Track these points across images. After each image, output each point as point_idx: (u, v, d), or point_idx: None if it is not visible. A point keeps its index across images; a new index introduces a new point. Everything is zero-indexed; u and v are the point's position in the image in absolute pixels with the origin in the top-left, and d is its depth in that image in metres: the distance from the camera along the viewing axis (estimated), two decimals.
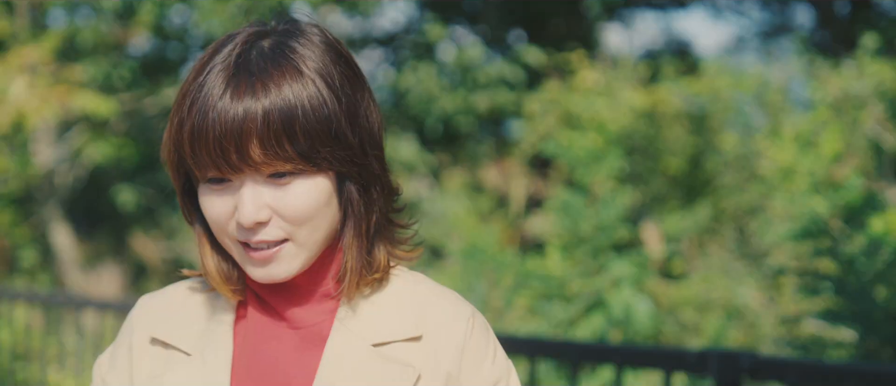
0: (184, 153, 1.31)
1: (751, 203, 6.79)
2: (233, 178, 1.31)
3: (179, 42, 10.76)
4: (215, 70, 1.31)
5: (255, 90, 1.28)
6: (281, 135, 1.27)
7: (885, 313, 3.86)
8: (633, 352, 3.20)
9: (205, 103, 1.29)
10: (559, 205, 5.43)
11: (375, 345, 1.37)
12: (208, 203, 1.33)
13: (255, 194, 1.30)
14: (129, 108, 10.41)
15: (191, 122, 1.29)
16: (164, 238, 11.43)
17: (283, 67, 1.30)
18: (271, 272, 1.34)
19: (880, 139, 6.51)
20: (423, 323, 1.39)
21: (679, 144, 7.75)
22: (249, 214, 1.29)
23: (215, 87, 1.29)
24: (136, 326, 1.46)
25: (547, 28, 10.85)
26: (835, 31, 10.81)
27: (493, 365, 1.41)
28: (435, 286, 1.45)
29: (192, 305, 1.45)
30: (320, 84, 1.30)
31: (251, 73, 1.29)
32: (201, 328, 1.41)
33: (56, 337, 5.89)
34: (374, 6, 9.61)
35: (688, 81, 8.28)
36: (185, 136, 1.30)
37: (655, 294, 5.87)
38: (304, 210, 1.31)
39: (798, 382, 2.73)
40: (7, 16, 9.82)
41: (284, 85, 1.28)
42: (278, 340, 1.39)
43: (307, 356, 1.38)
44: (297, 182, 1.31)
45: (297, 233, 1.32)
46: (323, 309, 1.40)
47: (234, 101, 1.27)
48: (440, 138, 10.12)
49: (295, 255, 1.33)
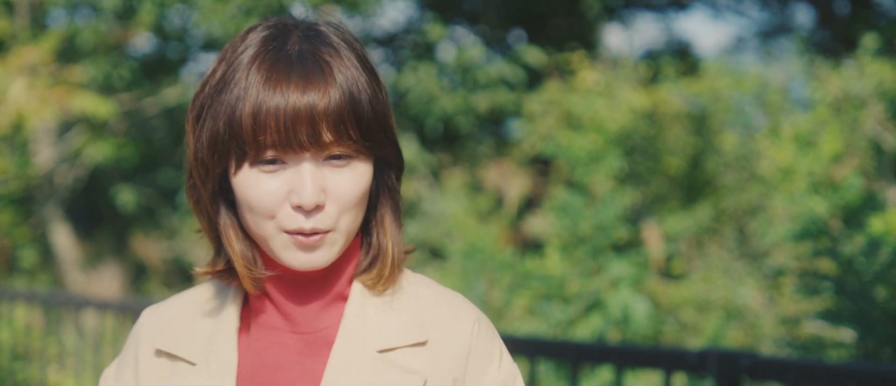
0: (240, 134, 1.30)
1: (751, 203, 6.78)
2: (287, 160, 1.31)
3: (179, 42, 10.76)
4: (269, 54, 1.32)
5: (323, 73, 1.30)
6: (350, 116, 1.30)
7: (885, 313, 3.86)
8: (632, 352, 3.20)
9: (270, 83, 1.29)
10: (559, 205, 5.43)
11: (380, 351, 1.37)
12: (258, 187, 1.32)
13: (316, 176, 1.31)
14: (128, 109, 10.41)
15: (253, 101, 1.29)
16: (164, 238, 11.43)
17: (338, 54, 1.33)
18: (313, 258, 1.34)
19: (880, 139, 6.51)
20: (428, 328, 1.39)
21: (679, 145, 7.75)
22: (311, 197, 1.30)
23: (278, 67, 1.31)
24: (141, 338, 1.46)
25: (547, 28, 10.85)
26: (835, 31, 10.82)
27: (499, 369, 1.41)
28: (439, 289, 1.45)
29: (196, 314, 1.45)
30: (367, 73, 1.35)
31: (314, 57, 1.32)
32: (205, 337, 1.41)
33: (56, 337, 5.89)
34: (374, 6, 9.61)
35: (688, 82, 8.28)
36: (245, 117, 1.29)
37: (655, 294, 5.87)
38: (356, 193, 1.33)
39: (798, 382, 2.73)
40: (7, 16, 9.82)
41: (345, 70, 1.32)
42: (283, 346, 1.39)
43: (312, 362, 1.38)
44: (353, 165, 1.33)
45: (341, 221, 1.34)
46: (331, 314, 1.40)
47: (306, 82, 1.29)
48: (440, 138, 10.12)
49: (334, 241, 1.34)
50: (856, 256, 4.07)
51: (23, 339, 5.92)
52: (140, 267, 11.66)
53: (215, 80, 1.34)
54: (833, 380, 2.69)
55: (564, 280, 5.05)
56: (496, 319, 5.51)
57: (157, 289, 11.07)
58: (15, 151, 9.60)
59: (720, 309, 5.84)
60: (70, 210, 11.19)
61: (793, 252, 5.58)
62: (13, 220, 9.89)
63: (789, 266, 5.56)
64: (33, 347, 5.91)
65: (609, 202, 5.27)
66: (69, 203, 11.11)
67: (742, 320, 5.77)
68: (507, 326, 5.43)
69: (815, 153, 5.69)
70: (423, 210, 8.48)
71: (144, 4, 9.26)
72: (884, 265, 4.00)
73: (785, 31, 11.63)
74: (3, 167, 9.30)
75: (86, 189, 11.44)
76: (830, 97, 6.57)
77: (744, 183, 7.02)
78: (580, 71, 8.51)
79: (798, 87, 8.22)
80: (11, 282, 9.62)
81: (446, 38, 10.13)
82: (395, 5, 11.64)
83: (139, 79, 10.32)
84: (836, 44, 10.34)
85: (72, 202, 11.27)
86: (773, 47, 11.46)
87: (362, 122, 1.32)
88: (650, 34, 13.42)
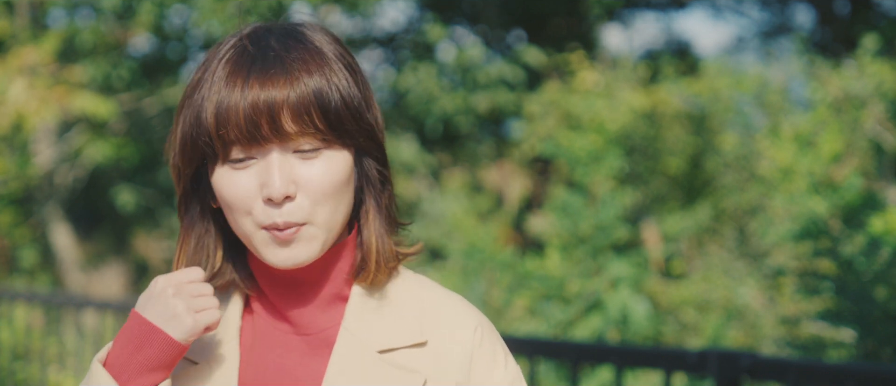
0: (207, 132, 1.32)
1: (751, 203, 6.78)
2: (256, 156, 1.32)
3: (179, 42, 10.76)
4: (234, 53, 1.34)
5: (284, 65, 1.32)
6: (312, 106, 1.31)
7: (885, 313, 3.86)
8: (632, 352, 3.21)
9: (231, 80, 1.31)
10: (559, 205, 5.43)
11: (381, 351, 1.37)
12: (229, 184, 1.33)
13: (283, 168, 1.31)
14: (128, 109, 10.41)
15: (215, 99, 1.31)
16: (165, 238, 11.43)
17: (307, 48, 1.35)
18: (293, 255, 1.34)
19: (880, 139, 6.51)
20: (429, 329, 1.39)
21: (679, 145, 7.75)
22: (279, 188, 1.30)
23: (240, 65, 1.32)
24: None
25: (547, 28, 10.85)
26: (835, 31, 10.82)
27: (506, 371, 1.41)
28: (440, 291, 1.45)
29: None
30: (340, 65, 1.35)
31: (275, 51, 1.33)
32: (208, 337, 1.41)
33: (56, 337, 5.89)
34: (374, 6, 9.61)
35: (688, 82, 8.28)
36: (208, 115, 1.31)
37: (655, 294, 5.87)
38: (328, 185, 1.33)
39: (798, 382, 2.73)
40: (7, 16, 9.82)
41: (310, 62, 1.33)
42: (285, 348, 1.40)
43: (314, 363, 1.39)
44: (323, 156, 1.33)
45: (316, 214, 1.33)
46: (331, 315, 1.40)
47: (265, 74, 1.31)
48: (440, 138, 10.12)
49: (313, 236, 1.34)
50: (856, 256, 4.07)
51: (23, 339, 5.92)
52: (141, 267, 11.67)
53: (191, 86, 1.36)
54: (833, 380, 2.69)
55: (564, 280, 5.05)
56: (496, 319, 5.51)
57: None
58: (15, 151, 9.60)
59: (720, 309, 5.84)
60: (70, 210, 11.19)
61: (793, 252, 5.57)
62: (13, 220, 9.89)
63: (789, 266, 5.56)
64: (33, 347, 5.91)
65: (609, 202, 5.27)
66: (69, 203, 11.11)
67: (742, 320, 5.77)
68: (507, 326, 5.43)
69: (815, 153, 5.69)
70: (423, 210, 8.48)
71: (144, 4, 9.26)
72: (884, 265, 4.01)
73: (785, 31, 11.63)
74: (3, 167, 9.30)
75: (86, 189, 11.44)
76: (830, 97, 6.57)
77: (744, 183, 7.02)
78: (580, 71, 8.51)
79: (798, 87, 8.22)
80: (11, 282, 9.62)
81: (446, 38, 10.14)
82: (395, 5, 11.65)
83: (139, 79, 10.32)
84: (836, 44, 10.34)
85: (72, 202, 11.27)
86: (773, 47, 11.46)
87: (330, 112, 1.32)
88: (650, 34, 13.41)
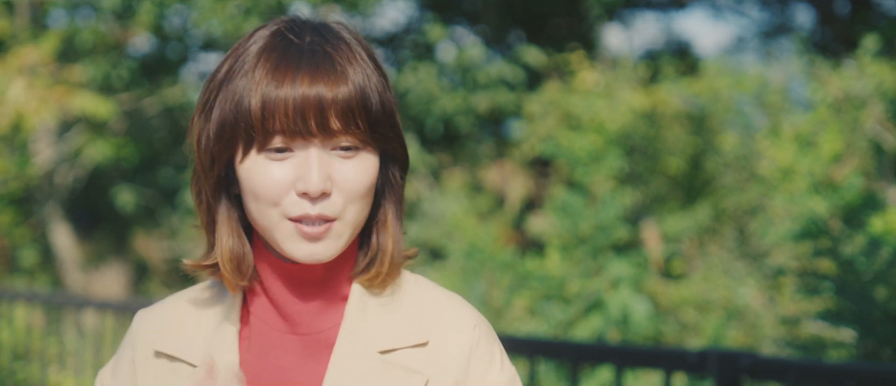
0: (248, 120, 1.31)
1: (751, 203, 6.78)
2: (296, 149, 1.32)
3: (179, 42, 10.76)
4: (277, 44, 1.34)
5: (333, 62, 1.32)
6: (359, 106, 1.32)
7: (885, 313, 3.86)
8: (632, 352, 3.20)
9: (279, 72, 1.31)
10: (559, 205, 5.43)
11: (382, 352, 1.37)
12: (264, 173, 1.33)
13: (323, 163, 1.32)
14: (128, 109, 10.41)
15: (262, 89, 1.31)
16: (165, 238, 11.43)
17: (350, 47, 1.36)
18: (317, 250, 1.34)
19: (880, 139, 6.51)
20: (429, 329, 1.39)
21: (679, 145, 7.75)
22: (317, 183, 1.31)
23: (288, 57, 1.33)
24: (138, 340, 1.46)
25: (547, 28, 10.85)
26: (835, 31, 10.82)
27: (501, 372, 1.42)
28: (438, 291, 1.45)
29: (196, 315, 1.44)
30: (376, 69, 1.37)
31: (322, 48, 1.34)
32: (206, 339, 1.41)
33: (56, 337, 5.89)
34: (374, 6, 9.61)
35: (688, 82, 8.28)
36: (253, 104, 1.31)
37: (655, 294, 5.87)
38: (362, 185, 1.34)
39: (798, 382, 2.73)
40: (7, 16, 9.82)
41: (354, 63, 1.34)
42: (284, 349, 1.39)
43: (314, 364, 1.38)
44: (361, 156, 1.34)
45: (346, 212, 1.34)
46: (331, 315, 1.40)
47: (315, 71, 1.31)
48: (440, 138, 10.12)
49: (340, 234, 1.35)
50: (856, 256, 4.07)
51: (23, 339, 5.92)
52: (141, 267, 11.67)
53: (223, 73, 1.36)
54: (833, 380, 2.69)
55: (564, 280, 5.05)
56: (496, 319, 5.51)
57: (157, 289, 11.07)
58: (15, 151, 9.60)
59: (720, 309, 5.83)
60: (70, 210, 11.19)
61: (793, 252, 5.57)
62: (13, 220, 9.89)
63: (789, 266, 5.56)
64: (33, 347, 5.91)
65: (609, 202, 5.27)
66: (69, 203, 11.11)
67: (742, 320, 5.77)
68: (507, 326, 5.43)
69: (815, 153, 5.69)
70: (423, 210, 8.47)
71: (144, 4, 9.26)
72: (884, 265, 4.00)
73: (785, 31, 11.63)
74: (3, 167, 9.30)
75: (86, 189, 11.44)
76: (830, 97, 6.57)
77: (744, 183, 7.02)
78: (580, 71, 8.51)
79: (798, 87, 8.21)
80: (11, 282, 9.62)
81: (446, 38, 10.14)
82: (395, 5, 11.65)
83: (139, 79, 10.32)
84: (836, 44, 10.34)
85: (72, 202, 11.27)
86: (773, 47, 11.46)
87: (371, 114, 1.33)
88: (650, 34, 13.41)
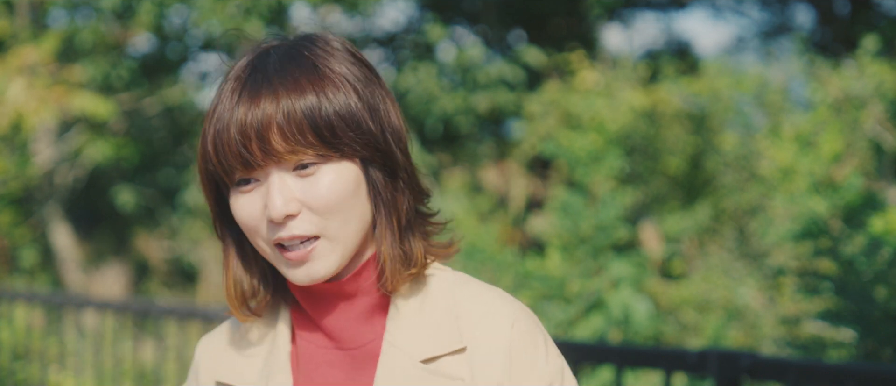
0: (210, 161, 1.34)
1: (751, 203, 6.78)
2: (259, 177, 1.33)
3: (179, 42, 10.76)
4: (233, 78, 1.36)
5: (271, 84, 1.32)
6: (301, 123, 1.30)
7: (885, 313, 3.86)
8: (633, 352, 3.20)
9: (224, 107, 1.33)
10: (559, 205, 5.43)
11: (424, 361, 1.37)
12: (238, 207, 1.35)
13: (282, 187, 1.32)
14: (128, 109, 10.41)
15: (212, 127, 1.33)
16: (165, 238, 11.43)
17: (300, 64, 1.34)
18: (310, 271, 1.34)
19: (880, 139, 6.50)
20: (467, 333, 1.38)
21: (679, 144, 7.75)
22: (279, 207, 1.31)
23: (235, 89, 1.33)
24: (201, 370, 1.49)
25: (547, 28, 10.84)
26: (835, 31, 10.81)
27: (546, 364, 1.40)
28: (476, 289, 1.43)
29: (250, 341, 1.46)
30: (337, 78, 1.34)
31: (267, 72, 1.33)
32: (261, 363, 1.43)
33: (56, 337, 5.89)
34: (374, 6, 9.60)
35: (688, 81, 8.28)
36: (209, 142, 1.33)
37: (655, 294, 5.87)
38: (331, 198, 1.32)
39: (798, 382, 2.73)
40: (7, 16, 9.82)
41: (302, 79, 1.33)
42: (331, 365, 1.41)
43: (361, 377, 1.39)
44: (323, 171, 1.33)
45: (327, 227, 1.33)
46: (372, 327, 1.40)
47: (253, 98, 1.31)
48: (440, 138, 10.11)
49: (330, 250, 1.34)
50: (856, 256, 4.06)
51: (23, 339, 5.92)
52: (141, 267, 11.67)
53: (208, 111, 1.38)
54: (833, 380, 2.69)
55: (565, 280, 5.05)
56: None
57: (157, 289, 11.07)
58: (15, 151, 9.60)
59: (720, 309, 5.83)
60: (70, 210, 11.19)
61: (793, 252, 5.57)
62: (13, 220, 9.89)
63: (789, 266, 5.56)
64: (34, 347, 5.91)
65: (609, 202, 5.27)
66: (69, 203, 11.11)
67: (742, 320, 5.77)
68: None
69: (815, 153, 5.69)
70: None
71: (144, 4, 9.26)
72: (884, 265, 4.00)
73: (785, 31, 11.63)
74: (3, 167, 9.30)
75: (86, 189, 11.44)
76: (830, 97, 6.57)
77: (744, 183, 7.02)
78: (580, 71, 8.51)
79: (798, 87, 8.21)
80: (11, 282, 9.62)
81: (446, 39, 10.13)
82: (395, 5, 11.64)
83: (139, 79, 10.32)
84: (836, 44, 10.34)
85: (72, 202, 11.27)
86: (773, 47, 11.45)
87: (321, 128, 1.31)
88: (650, 34, 13.41)
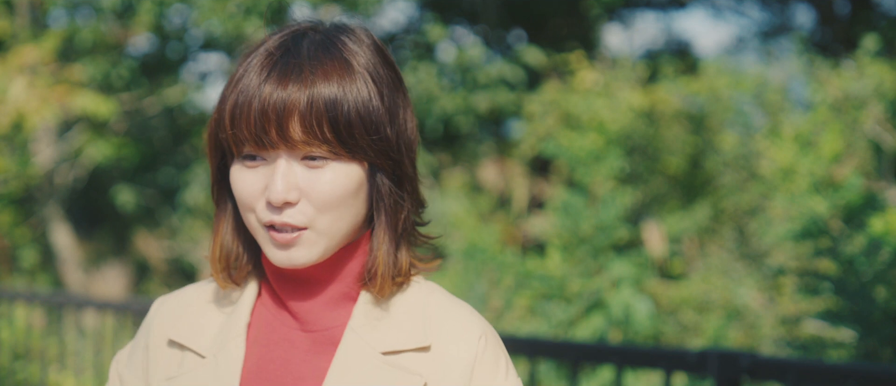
0: (224, 129, 1.34)
1: (751, 203, 6.78)
2: (267, 157, 1.34)
3: (179, 42, 10.76)
4: (264, 52, 1.36)
5: (302, 72, 1.32)
6: (322, 117, 1.31)
7: (885, 314, 3.86)
8: (633, 352, 3.20)
9: (250, 80, 1.33)
10: (559, 205, 5.43)
11: (385, 353, 1.38)
12: (239, 179, 1.36)
13: (288, 173, 1.33)
14: (128, 108, 10.41)
15: (234, 97, 1.33)
16: (165, 238, 11.43)
17: (333, 57, 1.34)
18: (292, 256, 1.35)
19: (880, 139, 6.51)
20: (433, 334, 1.40)
21: (678, 144, 7.75)
22: (280, 193, 1.32)
23: (265, 66, 1.34)
24: (154, 326, 1.49)
25: (547, 28, 10.85)
26: (835, 31, 10.81)
27: (506, 382, 1.42)
28: (448, 299, 1.46)
29: (209, 307, 1.47)
30: (366, 78, 1.35)
31: (300, 57, 1.34)
32: (216, 330, 1.44)
33: (56, 337, 5.89)
34: (374, 6, 9.60)
35: (687, 81, 8.28)
36: (226, 110, 1.34)
37: (655, 294, 5.87)
38: (332, 196, 1.33)
39: (798, 382, 2.73)
40: (7, 15, 9.82)
41: (332, 72, 1.33)
42: (290, 343, 1.41)
43: (318, 360, 1.40)
44: (330, 167, 1.34)
45: (318, 221, 1.34)
46: (338, 314, 1.41)
47: (281, 80, 1.32)
48: (440, 138, 10.12)
49: (314, 242, 1.35)
50: (856, 256, 4.07)
51: (23, 339, 5.92)
52: (141, 266, 11.67)
53: (230, 77, 1.39)
54: (833, 380, 2.69)
55: (565, 280, 5.05)
56: (497, 319, 5.51)
57: (157, 289, 11.07)
58: (15, 151, 9.60)
59: (720, 309, 5.83)
60: (70, 210, 11.19)
61: (793, 252, 5.57)
62: (13, 220, 9.89)
63: (789, 266, 5.56)
64: (34, 346, 5.91)
65: (609, 202, 5.27)
66: (69, 203, 11.11)
67: (742, 320, 5.77)
68: (508, 326, 5.43)
69: (815, 153, 5.69)
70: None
71: (144, 4, 9.26)
72: (884, 265, 4.00)
73: (785, 31, 11.63)
74: (3, 167, 9.30)
75: (86, 189, 11.44)
76: (830, 97, 6.57)
77: (744, 183, 7.02)
78: (580, 71, 8.51)
79: (798, 87, 8.21)
80: (11, 282, 9.62)
81: (446, 38, 10.13)
82: (395, 5, 11.64)
83: (139, 78, 10.32)
84: (836, 44, 10.34)
85: (72, 202, 11.27)
86: (773, 47, 11.45)
87: (340, 124, 1.32)
88: (650, 34, 13.42)
